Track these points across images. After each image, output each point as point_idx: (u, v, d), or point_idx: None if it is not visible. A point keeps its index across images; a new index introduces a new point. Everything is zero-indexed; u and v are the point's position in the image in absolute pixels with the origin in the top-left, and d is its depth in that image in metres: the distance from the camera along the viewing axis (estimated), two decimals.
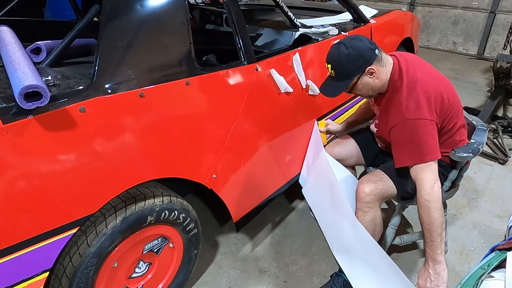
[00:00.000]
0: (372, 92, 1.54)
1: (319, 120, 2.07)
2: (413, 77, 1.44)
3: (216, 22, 2.54)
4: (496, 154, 2.92)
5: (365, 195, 1.49)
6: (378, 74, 1.46)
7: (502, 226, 2.15)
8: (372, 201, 1.50)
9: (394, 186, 1.53)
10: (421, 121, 1.38)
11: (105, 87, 1.14)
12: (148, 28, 1.25)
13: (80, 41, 1.52)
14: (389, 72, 1.48)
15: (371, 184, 1.51)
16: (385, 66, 1.48)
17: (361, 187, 1.52)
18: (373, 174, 1.58)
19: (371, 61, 1.44)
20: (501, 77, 3.83)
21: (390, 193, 1.54)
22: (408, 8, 6.64)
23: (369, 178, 1.54)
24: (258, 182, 1.78)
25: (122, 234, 1.26)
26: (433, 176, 1.38)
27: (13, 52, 1.17)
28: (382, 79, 1.48)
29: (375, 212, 1.52)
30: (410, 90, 1.42)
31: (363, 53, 1.43)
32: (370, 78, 1.47)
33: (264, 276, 1.79)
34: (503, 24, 5.69)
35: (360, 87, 1.51)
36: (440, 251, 1.37)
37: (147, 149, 1.25)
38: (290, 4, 2.55)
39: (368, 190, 1.49)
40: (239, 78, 1.55)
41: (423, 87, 1.41)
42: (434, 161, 1.39)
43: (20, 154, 0.97)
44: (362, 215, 1.52)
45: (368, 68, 1.44)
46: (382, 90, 1.53)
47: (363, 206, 1.51)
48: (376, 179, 1.53)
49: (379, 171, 1.59)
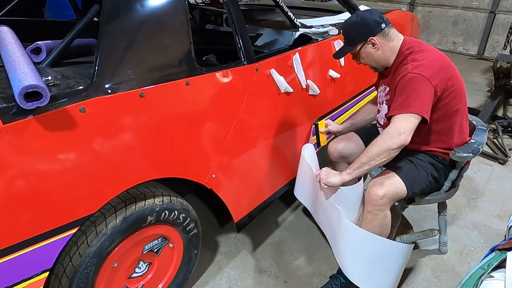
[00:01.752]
0: (376, 64, 1.60)
1: (319, 120, 2.07)
2: (424, 48, 1.51)
3: (216, 22, 2.54)
4: (496, 154, 2.92)
5: (379, 198, 1.46)
6: (381, 46, 1.53)
7: (502, 226, 2.14)
8: (384, 204, 1.47)
9: (405, 187, 1.50)
10: (420, 77, 1.40)
11: (105, 87, 1.14)
12: (148, 28, 1.25)
13: (80, 41, 1.51)
14: (396, 47, 1.54)
15: (385, 187, 1.47)
16: (391, 41, 1.54)
17: (373, 190, 1.47)
18: (385, 175, 1.53)
19: (374, 32, 1.51)
20: (501, 77, 3.83)
21: (401, 195, 1.51)
22: (408, 8, 6.64)
23: (381, 181, 1.49)
24: (258, 182, 1.78)
25: (122, 234, 1.26)
26: (407, 126, 1.36)
27: (13, 52, 1.17)
28: (386, 52, 1.54)
29: (385, 216, 1.49)
30: (418, 57, 1.46)
31: (368, 23, 1.52)
32: (372, 49, 1.54)
33: (264, 276, 1.79)
34: (503, 24, 5.70)
35: (363, 56, 1.59)
36: (350, 172, 1.46)
37: (147, 149, 1.25)
38: (290, 4, 2.55)
39: (381, 193, 1.46)
40: (239, 78, 1.55)
41: (432, 56, 1.46)
42: (415, 115, 1.37)
43: (20, 154, 0.97)
44: (372, 218, 1.48)
45: (370, 38, 1.52)
46: (387, 64, 1.58)
47: (374, 209, 1.47)
48: (389, 182, 1.49)
49: (389, 171, 1.55)
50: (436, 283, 1.77)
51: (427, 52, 1.48)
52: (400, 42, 1.54)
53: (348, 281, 1.53)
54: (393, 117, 1.41)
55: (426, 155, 1.60)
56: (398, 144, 1.36)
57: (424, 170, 1.57)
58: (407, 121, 1.37)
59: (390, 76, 1.60)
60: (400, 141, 1.35)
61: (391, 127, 1.38)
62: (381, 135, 1.41)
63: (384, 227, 1.51)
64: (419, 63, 1.43)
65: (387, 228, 1.53)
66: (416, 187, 1.54)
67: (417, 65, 1.43)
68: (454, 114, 1.53)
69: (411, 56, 1.48)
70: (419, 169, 1.56)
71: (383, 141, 1.39)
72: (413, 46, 1.52)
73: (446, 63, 1.48)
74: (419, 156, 1.60)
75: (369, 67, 1.66)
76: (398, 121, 1.38)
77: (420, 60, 1.44)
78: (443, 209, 1.84)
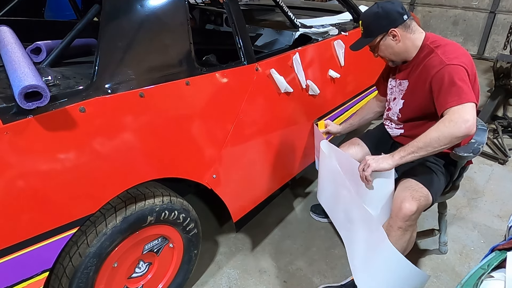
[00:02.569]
0: (395, 57, 1.55)
1: (319, 120, 2.07)
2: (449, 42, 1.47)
3: (216, 22, 2.54)
4: (496, 154, 2.92)
5: (411, 213, 1.38)
6: (402, 39, 1.48)
7: (502, 226, 2.14)
8: (415, 218, 1.42)
9: (431, 198, 1.45)
10: (461, 67, 1.35)
11: (105, 87, 1.14)
12: (148, 28, 1.25)
13: (80, 41, 1.51)
14: (418, 39, 1.50)
15: (416, 201, 1.39)
16: (413, 33, 1.49)
17: (406, 206, 1.38)
18: (413, 188, 1.44)
19: (396, 23, 1.46)
20: (501, 77, 3.83)
21: (428, 206, 1.47)
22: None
23: (412, 195, 1.41)
24: (258, 182, 1.78)
25: (122, 234, 1.26)
26: (472, 114, 1.28)
27: (13, 52, 1.17)
28: (407, 45, 1.50)
29: (414, 230, 1.45)
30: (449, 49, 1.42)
31: (389, 14, 1.46)
32: (393, 41, 1.49)
33: (264, 276, 1.79)
34: (503, 24, 5.69)
35: (382, 48, 1.53)
36: (404, 155, 1.36)
37: (147, 149, 1.25)
38: (290, 4, 2.55)
39: (414, 208, 1.38)
40: (239, 78, 1.55)
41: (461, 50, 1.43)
42: (473, 105, 1.31)
43: (20, 154, 0.97)
44: (402, 234, 1.42)
45: (391, 30, 1.47)
46: (407, 57, 1.53)
47: (406, 225, 1.40)
48: (419, 195, 1.42)
49: (416, 183, 1.47)
50: (436, 283, 1.77)
51: (455, 46, 1.45)
52: (423, 36, 1.50)
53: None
54: (450, 109, 1.32)
55: (440, 158, 1.56)
56: (464, 132, 1.26)
57: (443, 176, 1.55)
58: (470, 109, 1.29)
59: (409, 70, 1.55)
60: (466, 129, 1.26)
61: (455, 115, 1.28)
62: (442, 121, 1.31)
63: (411, 242, 1.47)
64: (454, 55, 1.39)
65: (412, 243, 1.49)
66: (438, 194, 1.52)
67: (453, 57, 1.38)
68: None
69: (440, 49, 1.43)
70: (439, 176, 1.53)
71: (445, 127, 1.28)
72: (437, 40, 1.48)
73: (471, 59, 1.45)
74: (433, 159, 1.56)
75: (386, 60, 1.61)
76: (461, 110, 1.29)
77: (452, 52, 1.40)
78: (443, 209, 1.84)
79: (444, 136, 1.28)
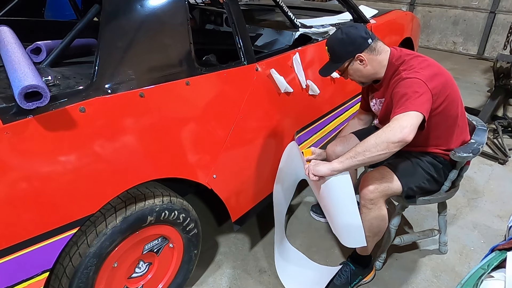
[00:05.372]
0: (364, 79, 1.60)
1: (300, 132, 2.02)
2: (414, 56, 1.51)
3: (216, 22, 2.54)
4: (496, 154, 2.92)
5: (369, 192, 1.49)
6: (369, 62, 1.52)
7: (502, 226, 2.14)
8: (376, 198, 1.50)
9: (399, 183, 1.52)
10: (417, 80, 1.39)
11: (105, 87, 1.14)
12: (148, 28, 1.25)
13: (80, 41, 1.51)
14: (384, 60, 1.53)
15: (375, 181, 1.50)
16: (379, 54, 1.52)
17: (364, 185, 1.52)
18: (377, 170, 1.56)
19: (361, 48, 1.50)
20: (501, 77, 3.83)
21: (394, 190, 1.53)
22: (408, 8, 6.64)
23: (372, 175, 1.53)
24: (258, 182, 1.78)
25: (122, 234, 1.26)
26: (410, 121, 1.30)
27: (13, 52, 1.17)
28: (374, 66, 1.53)
29: (379, 209, 1.52)
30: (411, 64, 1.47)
31: (354, 40, 1.49)
32: (361, 65, 1.53)
33: (264, 276, 1.79)
34: (503, 24, 5.70)
35: (351, 72, 1.57)
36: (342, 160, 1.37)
37: (147, 149, 1.25)
38: (290, 4, 2.55)
39: (372, 187, 1.49)
40: (239, 78, 1.56)
41: (424, 63, 1.47)
42: (418, 113, 1.32)
43: (20, 154, 0.97)
44: (367, 212, 1.52)
45: (358, 55, 1.50)
46: (377, 77, 1.57)
47: (367, 203, 1.51)
48: (380, 176, 1.52)
49: (383, 167, 1.58)
50: (436, 283, 1.77)
51: (419, 59, 1.49)
52: (388, 54, 1.54)
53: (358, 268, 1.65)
54: (394, 117, 1.36)
55: (426, 155, 1.60)
56: (399, 138, 1.28)
57: (422, 168, 1.58)
58: (410, 117, 1.31)
59: (383, 89, 1.60)
60: (402, 135, 1.28)
61: (394, 122, 1.32)
62: (381, 129, 1.35)
63: (381, 218, 1.54)
64: (413, 69, 1.44)
65: (385, 219, 1.55)
66: (411, 183, 1.55)
67: (412, 71, 1.43)
68: (452, 117, 1.54)
69: (403, 66, 1.49)
70: (416, 166, 1.58)
71: (383, 132, 1.32)
72: (401, 55, 1.52)
73: (439, 69, 1.48)
74: (419, 155, 1.60)
75: (356, 82, 1.64)
76: (401, 118, 1.32)
77: (413, 67, 1.45)
78: (443, 209, 1.84)
79: (381, 141, 1.31)
